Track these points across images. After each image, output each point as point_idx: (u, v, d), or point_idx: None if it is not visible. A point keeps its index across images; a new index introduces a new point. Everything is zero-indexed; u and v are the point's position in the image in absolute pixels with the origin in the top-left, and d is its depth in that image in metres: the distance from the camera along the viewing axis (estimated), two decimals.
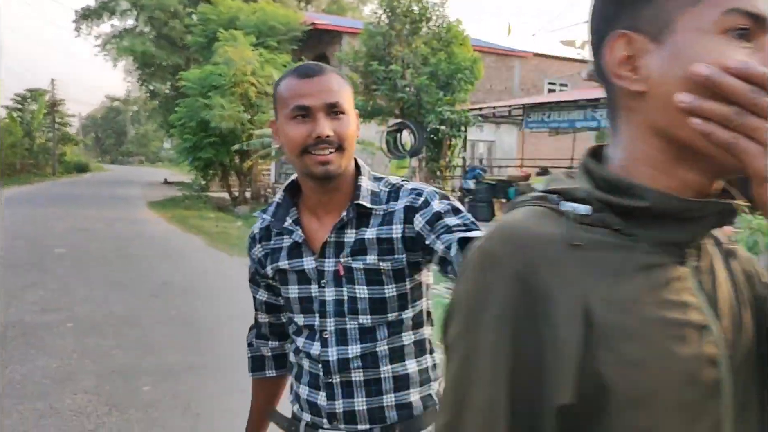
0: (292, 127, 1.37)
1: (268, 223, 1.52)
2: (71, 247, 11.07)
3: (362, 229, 1.43)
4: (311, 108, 1.35)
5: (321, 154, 1.36)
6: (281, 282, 1.51)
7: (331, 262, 1.44)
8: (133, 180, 35.86)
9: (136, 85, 39.49)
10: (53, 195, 23.53)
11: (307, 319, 1.48)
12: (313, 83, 1.37)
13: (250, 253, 1.57)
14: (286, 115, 1.38)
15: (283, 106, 1.39)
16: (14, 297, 7.28)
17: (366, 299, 1.43)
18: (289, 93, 1.38)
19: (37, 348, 5.49)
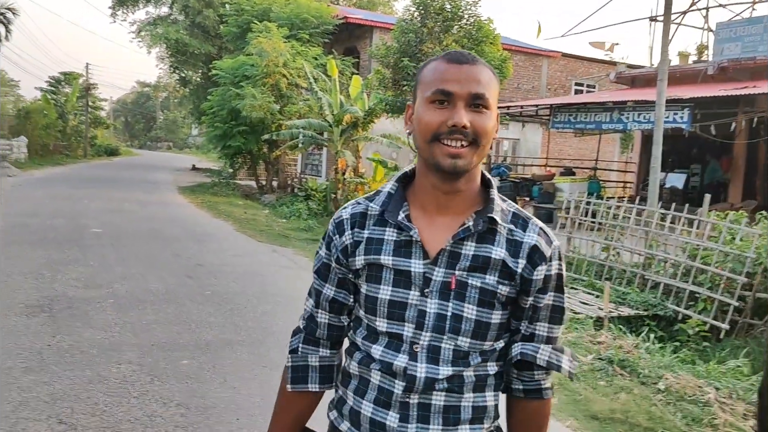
0: (429, 111, 1.29)
1: (371, 210, 1.39)
2: (107, 226, 11.47)
3: (486, 246, 1.33)
4: (453, 94, 1.28)
5: (452, 145, 1.27)
6: (369, 278, 1.36)
7: (442, 271, 1.32)
8: (162, 165, 36.45)
9: (168, 72, 40.06)
10: (86, 176, 24.11)
11: (393, 326, 1.34)
12: (462, 70, 1.29)
13: (331, 238, 1.42)
14: (426, 98, 1.30)
15: (424, 88, 1.32)
16: (58, 272, 7.66)
17: (472, 321, 1.32)
18: (433, 76, 1.31)
19: (83, 321, 5.84)
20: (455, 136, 1.27)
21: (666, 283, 8.08)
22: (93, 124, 42.74)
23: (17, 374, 4.50)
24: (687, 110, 12.48)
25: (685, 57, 17.89)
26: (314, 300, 1.48)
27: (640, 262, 8.81)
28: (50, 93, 38.30)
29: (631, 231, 9.21)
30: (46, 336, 5.35)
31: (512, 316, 1.39)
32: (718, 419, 4.30)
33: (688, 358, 6.04)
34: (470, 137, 1.28)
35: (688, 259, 7.93)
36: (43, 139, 33.03)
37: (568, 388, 4.75)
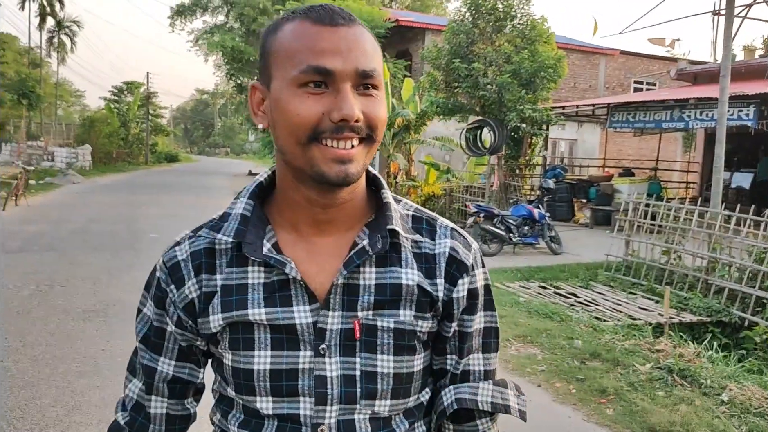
0: (299, 98, 0.89)
1: (220, 243, 0.98)
2: (164, 232, 11.71)
3: (391, 270, 0.98)
4: (335, 74, 0.88)
5: (340, 147, 0.90)
6: (234, 344, 0.96)
7: (338, 316, 0.96)
8: (220, 171, 37.23)
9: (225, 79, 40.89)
10: (146, 183, 24.80)
11: (281, 406, 0.96)
12: (339, 35, 0.90)
13: (164, 291, 1.00)
14: (291, 79, 0.89)
15: (285, 64, 0.90)
16: (114, 277, 7.85)
17: (390, 376, 0.97)
18: (301, 44, 0.90)
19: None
20: (344, 135, 0.89)
21: (731, 288, 7.72)
22: (154, 131, 44.03)
23: (71, 378, 4.60)
24: (753, 107, 11.97)
25: (751, 51, 17.20)
26: (143, 383, 1.04)
27: (703, 266, 8.45)
28: (113, 102, 39.65)
29: (693, 233, 8.85)
30: (101, 341, 5.46)
31: (434, 352, 1.05)
32: None
33: (754, 368, 5.73)
34: (364, 132, 0.91)
35: (754, 263, 7.56)
36: (107, 147, 34.20)
37: (625, 399, 4.55)
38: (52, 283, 7.39)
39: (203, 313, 0.97)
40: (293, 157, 0.92)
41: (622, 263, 9.41)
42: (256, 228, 0.97)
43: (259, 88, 0.97)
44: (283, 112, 0.90)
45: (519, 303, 7.40)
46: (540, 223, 11.25)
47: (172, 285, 0.99)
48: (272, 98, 0.93)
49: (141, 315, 1.05)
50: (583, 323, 6.61)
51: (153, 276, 1.02)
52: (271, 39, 0.94)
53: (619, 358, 5.38)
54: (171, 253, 1.00)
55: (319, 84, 0.89)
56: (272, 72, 0.93)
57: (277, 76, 0.92)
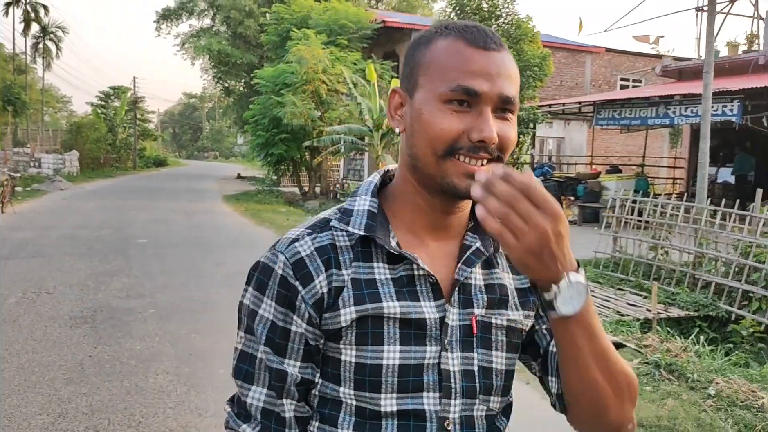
0: (444, 114, 0.93)
1: (340, 239, 0.99)
2: (152, 237, 11.68)
3: (494, 272, 1.05)
4: (481, 96, 0.92)
5: (473, 164, 0.94)
6: (361, 339, 0.95)
7: (458, 312, 0.99)
8: (208, 174, 37.11)
9: (212, 82, 40.80)
10: (135, 188, 24.69)
11: (406, 402, 0.96)
12: (492, 61, 0.94)
13: (290, 288, 0.96)
14: (439, 95, 0.93)
15: (436, 78, 0.94)
16: (102, 283, 7.80)
17: (502, 372, 1.03)
18: (453, 63, 0.94)
19: (123, 331, 5.91)
20: (480, 155, 0.93)
21: (717, 283, 7.77)
22: (141, 136, 43.83)
23: (58, 386, 4.57)
24: (737, 102, 12.06)
25: (735, 47, 17.33)
26: (270, 388, 0.98)
27: (690, 261, 8.50)
28: (100, 107, 39.47)
29: (680, 229, 8.90)
30: (88, 347, 5.43)
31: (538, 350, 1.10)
32: None
33: (741, 361, 5.77)
34: (495, 153, 0.95)
35: (740, 257, 7.61)
36: (94, 152, 34.04)
37: None
38: (39, 290, 7.35)
39: (332, 308, 0.96)
40: (426, 165, 0.96)
41: (610, 260, 9.46)
42: (382, 225, 0.99)
43: (400, 93, 1.01)
44: (426, 123, 0.94)
45: None
46: None
47: (298, 281, 0.95)
48: (414, 107, 0.97)
49: (258, 317, 0.98)
50: None
51: (269, 274, 0.97)
52: (423, 50, 0.98)
53: None
54: (291, 249, 0.97)
55: (462, 102, 0.93)
56: (419, 82, 0.97)
57: (425, 88, 0.96)
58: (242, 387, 0.99)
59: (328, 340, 0.97)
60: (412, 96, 0.98)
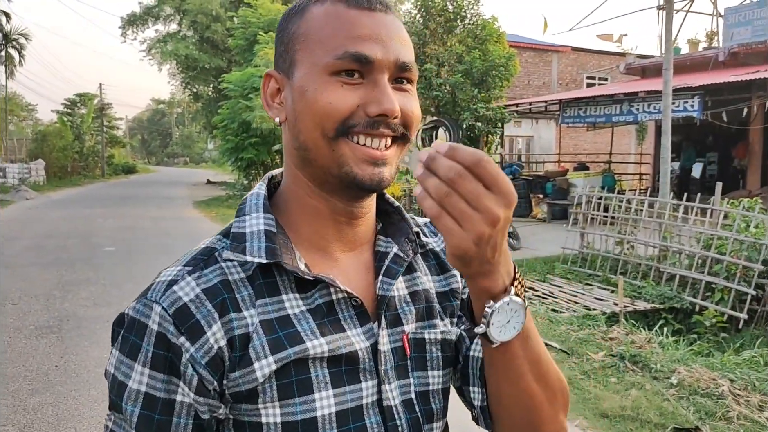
0: (333, 86, 0.78)
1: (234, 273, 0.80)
2: (120, 244, 11.55)
3: (414, 276, 0.91)
4: (374, 63, 0.78)
5: (375, 146, 0.79)
6: (285, 393, 0.77)
7: (387, 334, 0.85)
8: (178, 180, 36.75)
9: (180, 87, 40.43)
10: (102, 196, 24.36)
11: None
12: (380, 22, 0.80)
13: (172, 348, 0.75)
14: (324, 66, 0.78)
15: (315, 49, 0.79)
16: (69, 292, 7.71)
17: (440, 392, 0.90)
18: (336, 28, 0.79)
19: (90, 340, 5.85)
20: (379, 131, 0.78)
21: (682, 275, 7.94)
22: (109, 143, 43.27)
23: (24, 396, 4.52)
24: (697, 98, 12.31)
25: (695, 44, 17.70)
26: None
27: (655, 255, 8.67)
28: (66, 115, 38.86)
29: (644, 223, 9.08)
30: (54, 357, 5.37)
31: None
32: (732, 412, 4.19)
33: (703, 351, 5.90)
34: (399, 130, 0.80)
35: (702, 250, 7.78)
36: (61, 160, 33.51)
37: (578, 387, 4.66)
38: (3, 301, 7.23)
39: (239, 364, 0.76)
40: (317, 153, 0.79)
41: (578, 255, 9.60)
42: (285, 245, 0.81)
43: (275, 76, 0.84)
44: (312, 101, 0.78)
45: None
46: None
47: (183, 337, 0.74)
48: (295, 87, 0.80)
49: (127, 392, 0.75)
50: (539, 316, 6.72)
51: (141, 332, 0.75)
52: (296, 22, 0.82)
53: (574, 348, 5.50)
54: (169, 295, 0.76)
55: (352, 73, 0.78)
56: (296, 58, 0.81)
57: (305, 63, 0.80)
58: None
59: (239, 402, 0.77)
60: (290, 76, 0.81)
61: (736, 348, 6.07)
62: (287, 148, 0.85)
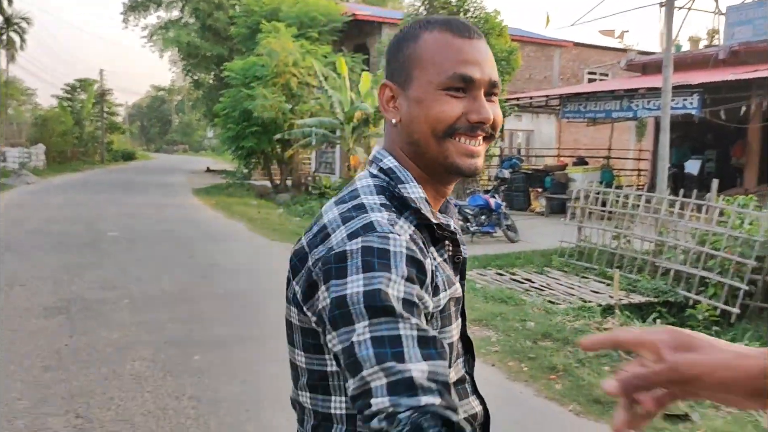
0: (443, 100, 1.03)
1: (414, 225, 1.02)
2: (123, 230, 11.68)
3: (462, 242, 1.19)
4: (475, 82, 1.04)
5: (472, 144, 1.05)
6: (444, 321, 1.04)
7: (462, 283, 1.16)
8: (178, 168, 36.82)
9: (181, 75, 40.44)
10: (103, 182, 24.46)
11: (455, 371, 1.09)
12: (478, 49, 1.06)
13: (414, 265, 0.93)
14: (437, 83, 1.03)
15: (429, 69, 1.04)
16: (76, 275, 7.85)
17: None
18: (447, 54, 1.04)
19: (98, 321, 6.00)
20: (477, 133, 1.05)
21: (676, 270, 8.09)
22: (109, 129, 43.26)
23: (36, 373, 4.66)
24: (696, 96, 12.44)
25: (696, 42, 17.78)
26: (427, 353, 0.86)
27: (651, 250, 8.82)
28: (66, 100, 38.87)
29: (641, 218, 9.22)
30: (64, 336, 5.51)
31: None
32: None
33: None
34: (488, 131, 1.07)
35: (697, 245, 7.93)
36: (61, 146, 33.55)
37: (573, 375, 4.81)
38: (12, 283, 7.37)
39: (435, 293, 0.99)
40: (427, 148, 1.05)
41: (575, 249, 9.74)
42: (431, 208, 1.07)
43: (391, 86, 1.09)
44: (427, 108, 1.03)
45: (476, 289, 7.65)
46: (496, 212, 11.54)
47: (420, 257, 0.95)
48: (412, 97, 1.05)
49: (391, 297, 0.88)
50: (536, 306, 6.88)
51: (386, 256, 0.91)
52: (411, 45, 1.07)
53: (569, 338, 5.65)
54: (399, 230, 0.96)
55: (458, 89, 1.03)
56: (413, 75, 1.06)
57: (420, 80, 1.05)
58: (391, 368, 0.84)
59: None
60: (406, 88, 1.06)
61: (728, 341, 6.22)
62: (398, 143, 1.10)
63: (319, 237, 0.99)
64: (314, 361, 1.03)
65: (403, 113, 1.07)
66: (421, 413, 0.80)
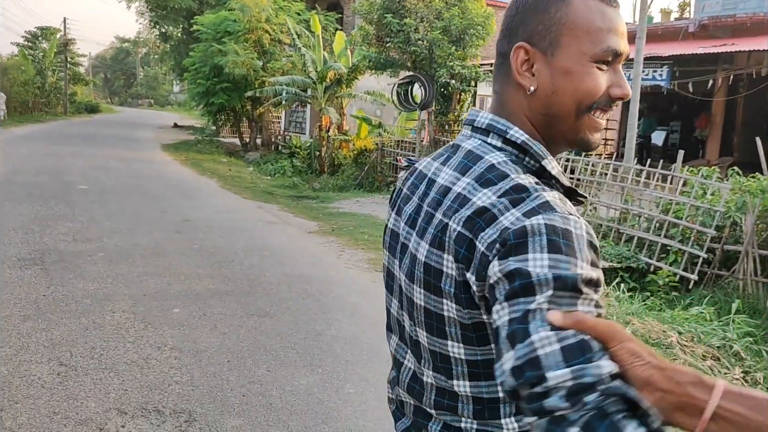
0: (595, 73, 0.98)
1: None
2: (93, 183, 11.56)
3: None
4: (622, 56, 1.00)
5: (602, 119, 1.02)
6: None
7: None
8: (144, 122, 36.17)
9: (148, 27, 39.42)
10: (68, 134, 23.95)
11: None
12: (621, 19, 1.01)
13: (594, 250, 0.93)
14: (591, 55, 0.97)
15: (583, 39, 0.98)
16: (47, 227, 7.80)
17: None
18: (602, 23, 0.98)
19: (75, 273, 6.02)
20: (610, 108, 1.02)
21: (639, 237, 8.37)
22: (72, 80, 42.15)
23: (16, 322, 4.70)
24: (666, 68, 12.67)
25: (667, 14, 18.00)
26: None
27: (616, 217, 9.09)
28: (27, 49, 37.63)
29: (608, 187, 9.48)
30: (41, 287, 5.53)
31: None
32: (678, 360, 4.61)
33: (656, 307, 6.34)
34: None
35: (661, 214, 8.21)
36: (22, 96, 32.64)
37: None
38: None
39: None
40: (564, 122, 1.00)
41: None
42: None
43: (529, 50, 1.00)
44: (578, 81, 0.97)
45: None
46: None
47: (596, 241, 0.95)
48: (558, 66, 0.98)
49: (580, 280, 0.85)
50: None
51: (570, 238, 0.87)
52: (561, 7, 0.98)
53: None
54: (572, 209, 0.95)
55: (606, 62, 0.98)
56: (562, 42, 0.98)
57: (570, 48, 0.98)
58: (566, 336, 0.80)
59: None
60: (552, 54, 0.99)
61: (686, 306, 6.52)
62: (526, 111, 1.03)
63: (484, 220, 0.92)
64: (478, 352, 0.98)
65: (542, 81, 1.00)
66: (606, 396, 0.74)
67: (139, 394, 3.72)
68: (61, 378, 3.85)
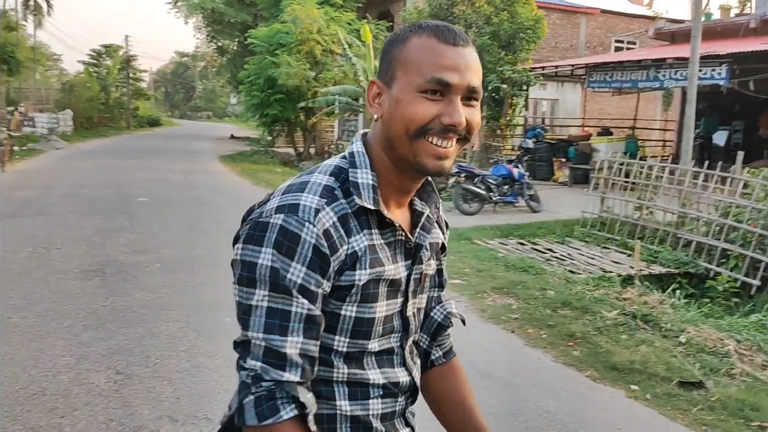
0: (418, 101, 1.09)
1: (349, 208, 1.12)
2: (152, 195, 11.94)
3: (434, 230, 1.29)
4: (452, 87, 1.08)
5: (442, 145, 1.10)
6: (365, 298, 1.13)
7: (417, 268, 1.23)
8: (202, 134, 37.11)
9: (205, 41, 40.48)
10: (130, 147, 24.79)
11: (383, 343, 1.20)
12: (459, 55, 1.10)
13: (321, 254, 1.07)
14: (415, 85, 1.09)
15: (411, 72, 1.10)
16: (108, 239, 8.11)
17: (422, 309, 1.32)
18: (427, 58, 1.09)
19: (133, 283, 6.23)
20: (448, 135, 1.10)
21: (698, 241, 8.14)
22: (134, 95, 43.66)
23: (77, 331, 4.90)
24: (725, 66, 12.28)
25: (727, 11, 17.46)
26: (308, 330, 1.07)
27: (673, 221, 8.86)
28: (92, 66, 39.17)
29: (664, 190, 9.24)
30: (101, 297, 5.76)
31: None
32: (735, 369, 4.46)
33: (714, 314, 6.15)
34: (462, 134, 1.12)
35: (720, 217, 7.96)
36: (87, 111, 33.95)
37: (591, 342, 4.95)
38: (48, 246, 7.64)
39: (350, 270, 1.10)
40: (400, 145, 1.11)
41: (598, 219, 9.80)
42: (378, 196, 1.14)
43: (378, 84, 1.16)
44: (404, 108, 1.09)
45: (497, 258, 7.78)
46: (519, 182, 11.60)
47: (327, 249, 1.07)
48: (393, 96, 1.11)
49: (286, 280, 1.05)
50: (557, 276, 6.99)
51: (296, 240, 1.05)
52: (400, 47, 1.13)
53: (588, 306, 5.77)
54: (319, 220, 1.07)
55: (435, 92, 1.08)
56: (396, 75, 1.12)
57: (402, 80, 1.11)
58: (273, 340, 1.05)
59: (332, 298, 1.11)
60: (390, 87, 1.12)
61: (746, 312, 6.30)
62: (378, 136, 1.17)
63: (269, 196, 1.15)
64: None
65: (384, 110, 1.13)
66: (279, 386, 1.04)
67: (191, 401, 3.83)
68: (118, 386, 4.00)
